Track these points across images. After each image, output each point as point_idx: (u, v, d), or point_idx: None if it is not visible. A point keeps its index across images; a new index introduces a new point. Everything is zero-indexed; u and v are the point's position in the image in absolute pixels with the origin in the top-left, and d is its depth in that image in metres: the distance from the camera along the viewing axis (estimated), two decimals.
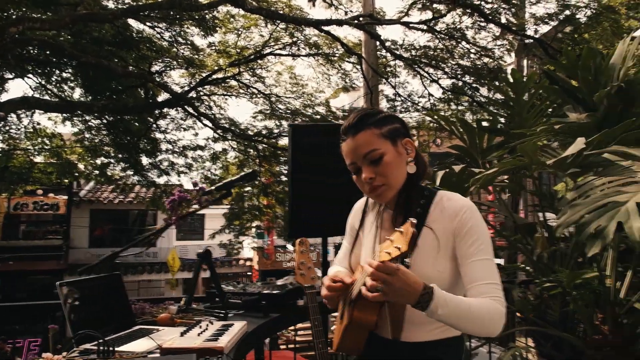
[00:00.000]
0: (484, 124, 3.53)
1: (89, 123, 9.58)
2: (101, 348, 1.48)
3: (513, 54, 8.41)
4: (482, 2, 6.50)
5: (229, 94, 10.93)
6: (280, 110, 10.86)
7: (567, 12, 5.82)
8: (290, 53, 10.14)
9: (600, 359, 2.80)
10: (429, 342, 1.32)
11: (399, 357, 1.35)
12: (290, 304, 2.45)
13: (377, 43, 7.26)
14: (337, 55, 10.01)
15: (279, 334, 7.72)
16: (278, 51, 10.12)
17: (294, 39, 9.91)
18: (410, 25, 7.09)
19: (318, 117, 10.38)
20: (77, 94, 9.30)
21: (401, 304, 1.18)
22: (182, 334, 1.71)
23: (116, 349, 1.52)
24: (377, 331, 1.38)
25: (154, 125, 9.92)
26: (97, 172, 10.52)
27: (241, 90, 10.95)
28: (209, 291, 2.41)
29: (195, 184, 1.75)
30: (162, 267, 16.16)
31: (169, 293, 14.67)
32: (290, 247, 17.24)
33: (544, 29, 6.35)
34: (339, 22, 6.42)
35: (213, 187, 1.76)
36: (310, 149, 2.84)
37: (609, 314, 2.81)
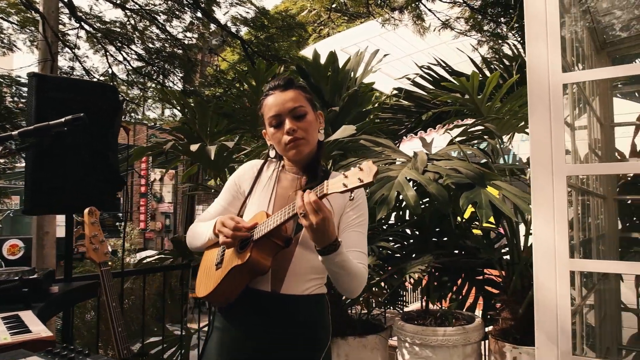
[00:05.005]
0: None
1: None
2: None
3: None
4: None
5: None
6: None
7: (265, 20, 6.51)
8: None
9: None
10: (304, 296, 1.41)
11: (274, 308, 1.39)
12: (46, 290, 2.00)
13: (60, 5, 6.34)
14: None
15: None
16: None
17: None
18: None
19: None
20: None
21: (315, 239, 1.24)
22: None
23: None
24: (254, 284, 1.39)
25: None
26: None
27: None
28: None
29: None
30: None
31: None
32: None
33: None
34: None
35: (14, 132, 1.29)
36: (59, 106, 2.36)
37: None
